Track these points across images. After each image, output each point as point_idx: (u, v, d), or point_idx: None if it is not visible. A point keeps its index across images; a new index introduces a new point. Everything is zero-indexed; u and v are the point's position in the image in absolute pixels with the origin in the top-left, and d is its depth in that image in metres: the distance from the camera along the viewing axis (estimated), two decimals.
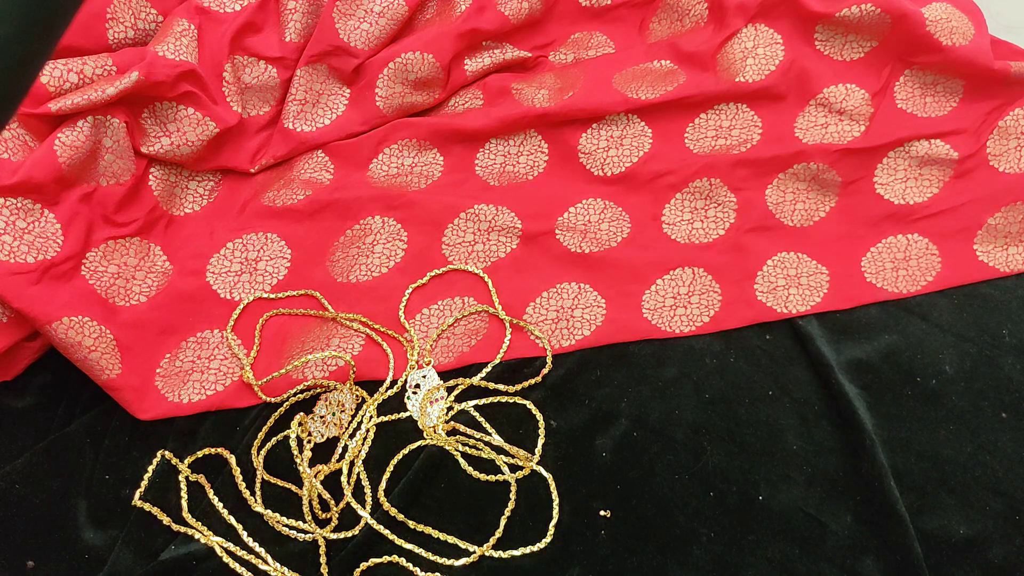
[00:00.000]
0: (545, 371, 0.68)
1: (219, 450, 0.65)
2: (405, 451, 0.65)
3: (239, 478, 0.63)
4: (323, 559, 0.60)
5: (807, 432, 0.65)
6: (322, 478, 0.63)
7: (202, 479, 0.63)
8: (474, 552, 0.61)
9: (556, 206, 0.76)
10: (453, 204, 0.75)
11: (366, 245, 0.74)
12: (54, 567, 0.60)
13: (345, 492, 0.63)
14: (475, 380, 0.68)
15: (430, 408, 0.66)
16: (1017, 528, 0.61)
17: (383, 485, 0.63)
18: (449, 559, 0.61)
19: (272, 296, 0.71)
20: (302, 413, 0.65)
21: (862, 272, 0.73)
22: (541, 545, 0.61)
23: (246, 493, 0.63)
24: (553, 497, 0.62)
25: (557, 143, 0.78)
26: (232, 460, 0.64)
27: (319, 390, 0.67)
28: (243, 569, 0.60)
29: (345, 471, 0.64)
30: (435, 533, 0.62)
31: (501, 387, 0.68)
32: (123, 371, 0.66)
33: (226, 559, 0.60)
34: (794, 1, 0.78)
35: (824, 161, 0.76)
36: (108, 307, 0.66)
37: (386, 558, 0.61)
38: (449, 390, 0.68)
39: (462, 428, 0.66)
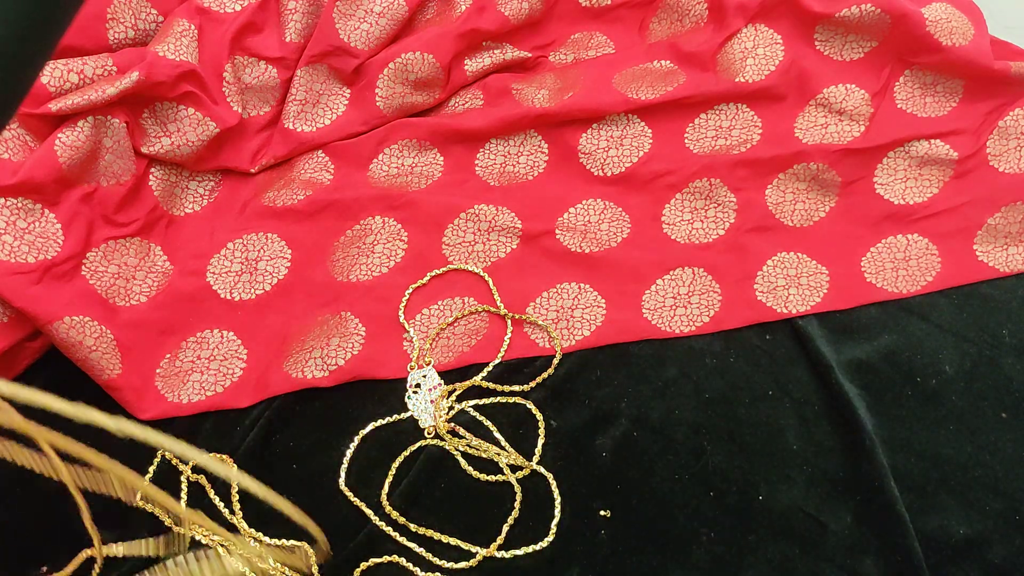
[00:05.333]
0: (554, 364, 0.68)
1: (224, 457, 0.64)
2: (406, 452, 0.65)
3: (235, 488, 0.63)
4: (315, 569, 0.60)
5: (807, 432, 0.65)
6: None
7: (203, 479, 0.63)
8: (476, 555, 0.61)
9: (556, 206, 0.76)
10: (453, 204, 0.75)
11: (366, 245, 0.74)
12: (56, 568, 0.60)
13: (349, 494, 0.63)
14: (476, 380, 0.68)
15: (430, 407, 0.66)
16: (1017, 528, 0.61)
17: (386, 488, 0.63)
18: (450, 562, 0.60)
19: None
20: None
21: (862, 272, 0.73)
22: (543, 544, 0.61)
23: (236, 508, 0.63)
24: (555, 497, 0.62)
25: (557, 143, 0.78)
26: (233, 469, 0.63)
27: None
28: (244, 569, 0.60)
29: (343, 474, 0.64)
30: (436, 535, 0.61)
31: (502, 387, 0.68)
32: (123, 371, 0.66)
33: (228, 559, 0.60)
34: (794, 1, 0.78)
35: (824, 161, 0.76)
36: (108, 307, 0.66)
37: (386, 558, 0.61)
38: (450, 392, 0.68)
39: (461, 430, 0.66)
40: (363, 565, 0.60)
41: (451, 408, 0.67)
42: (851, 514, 0.62)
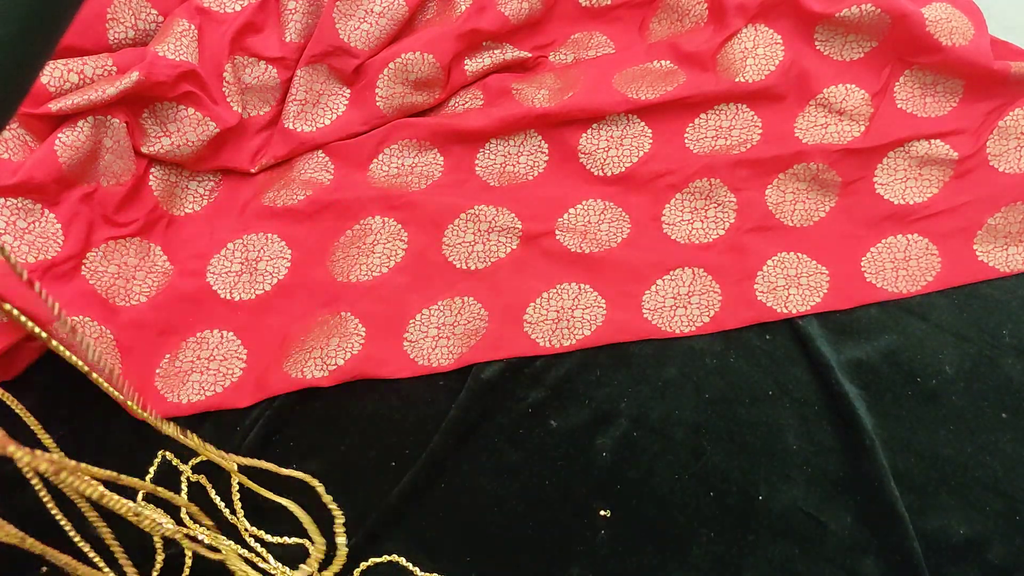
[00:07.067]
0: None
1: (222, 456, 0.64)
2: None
3: (235, 487, 0.63)
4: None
5: (807, 432, 0.65)
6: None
7: (203, 480, 0.63)
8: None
9: (556, 207, 0.76)
10: (453, 204, 0.75)
11: (366, 245, 0.74)
12: (55, 570, 0.60)
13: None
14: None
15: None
16: (1017, 528, 0.61)
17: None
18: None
19: None
20: None
21: (862, 272, 0.73)
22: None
23: (237, 507, 0.62)
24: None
25: (557, 143, 0.78)
26: (234, 467, 0.63)
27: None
28: (247, 568, 0.60)
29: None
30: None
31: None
32: (123, 371, 0.66)
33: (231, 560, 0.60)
34: (794, 1, 0.78)
35: (824, 161, 0.76)
36: (108, 307, 0.66)
37: (386, 557, 0.61)
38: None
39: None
40: (363, 564, 0.60)
41: None
42: (851, 514, 0.62)
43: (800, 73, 0.78)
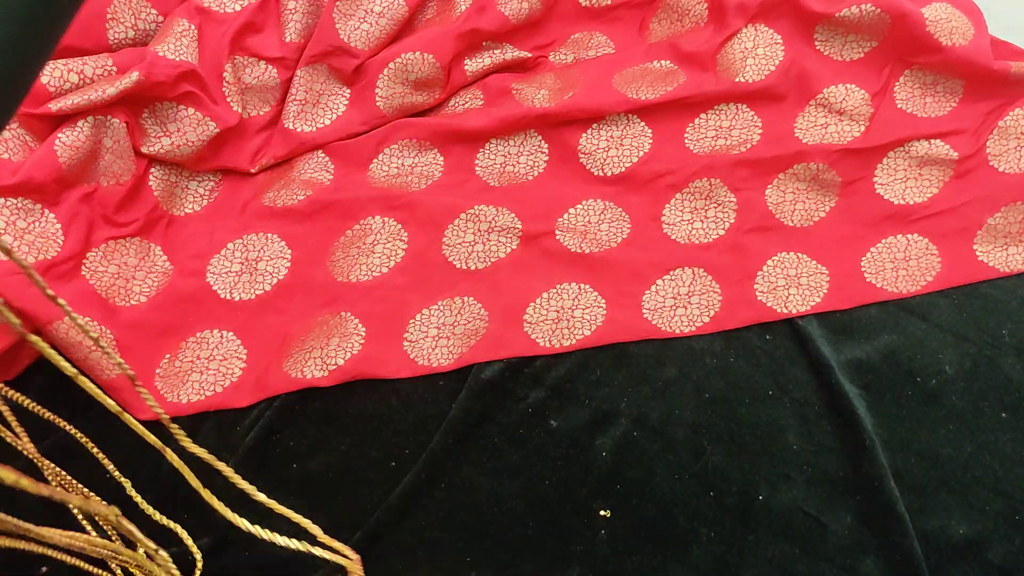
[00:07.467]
0: None
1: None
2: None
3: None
4: None
5: (807, 432, 0.65)
6: None
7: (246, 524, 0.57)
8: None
9: (556, 207, 0.76)
10: (453, 204, 0.75)
11: (366, 245, 0.74)
12: (57, 569, 0.60)
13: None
14: None
15: None
16: (1017, 528, 0.61)
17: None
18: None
19: None
20: None
21: (862, 272, 0.73)
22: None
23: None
24: None
25: (557, 143, 0.78)
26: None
27: None
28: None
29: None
30: None
31: None
32: (123, 371, 0.66)
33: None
34: (794, 1, 0.78)
35: (824, 161, 0.76)
36: (108, 307, 0.66)
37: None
38: None
39: None
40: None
41: None
42: (851, 514, 0.62)
43: (800, 73, 0.79)
